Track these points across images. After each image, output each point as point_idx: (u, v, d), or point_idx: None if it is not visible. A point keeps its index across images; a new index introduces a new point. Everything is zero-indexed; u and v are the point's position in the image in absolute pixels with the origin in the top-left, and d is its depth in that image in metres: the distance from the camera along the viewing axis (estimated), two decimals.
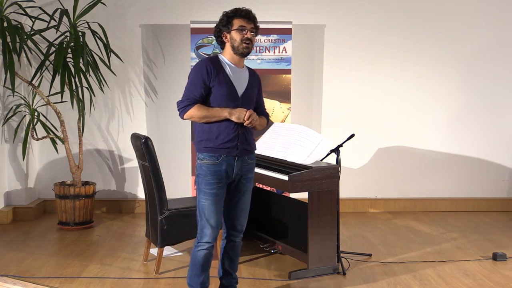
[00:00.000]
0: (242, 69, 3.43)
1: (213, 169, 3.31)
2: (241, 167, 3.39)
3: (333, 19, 6.10)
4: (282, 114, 5.86)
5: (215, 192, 3.31)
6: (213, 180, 3.31)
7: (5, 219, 5.61)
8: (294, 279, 4.11)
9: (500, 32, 6.22)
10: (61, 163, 6.04)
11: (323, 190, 4.14)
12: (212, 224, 3.32)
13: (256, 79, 3.50)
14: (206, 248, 3.35)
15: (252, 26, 3.36)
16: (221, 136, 3.31)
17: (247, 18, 3.36)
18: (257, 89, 3.50)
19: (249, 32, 3.33)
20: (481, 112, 6.31)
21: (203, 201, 3.32)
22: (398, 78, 6.21)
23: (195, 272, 3.40)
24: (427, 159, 6.31)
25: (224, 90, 3.30)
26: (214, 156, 3.31)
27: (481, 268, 4.40)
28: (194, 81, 3.30)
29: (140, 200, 6.16)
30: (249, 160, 3.45)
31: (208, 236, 3.33)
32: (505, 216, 6.16)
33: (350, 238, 5.21)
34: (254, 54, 5.80)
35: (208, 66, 3.29)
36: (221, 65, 3.35)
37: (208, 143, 3.32)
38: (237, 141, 3.34)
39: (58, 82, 5.32)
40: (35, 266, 4.35)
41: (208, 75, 3.28)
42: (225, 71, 3.33)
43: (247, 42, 3.32)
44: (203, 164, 3.33)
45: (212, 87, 3.29)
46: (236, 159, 3.35)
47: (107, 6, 5.80)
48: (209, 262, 3.41)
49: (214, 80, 3.29)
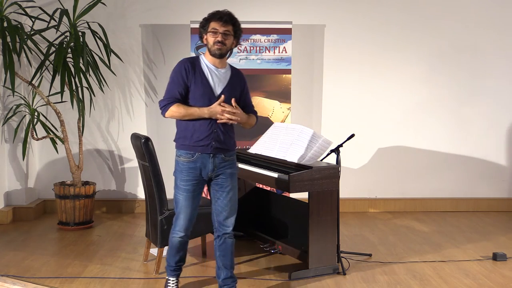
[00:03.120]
0: (223, 69, 3.56)
1: (188, 166, 3.49)
2: (217, 164, 3.52)
3: (333, 19, 6.10)
4: (282, 114, 5.86)
5: (189, 188, 3.52)
6: (188, 177, 3.51)
7: (5, 219, 5.61)
8: (294, 279, 4.11)
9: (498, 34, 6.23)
10: (61, 163, 6.04)
11: (323, 190, 4.14)
12: (184, 217, 3.57)
13: (239, 79, 3.61)
14: (180, 237, 3.63)
15: (226, 29, 3.48)
16: (195, 134, 3.47)
17: (221, 21, 3.49)
18: (240, 89, 3.61)
19: (220, 35, 3.46)
20: (481, 112, 6.31)
21: (178, 195, 3.57)
22: (398, 78, 6.21)
23: (172, 252, 3.72)
24: (427, 159, 6.31)
25: (201, 89, 3.46)
26: (189, 154, 3.49)
27: (481, 268, 4.41)
28: (173, 81, 3.50)
29: (140, 200, 6.16)
30: (227, 157, 3.56)
31: (180, 226, 3.60)
32: (505, 216, 6.16)
33: (350, 238, 5.21)
34: (254, 54, 5.80)
35: (186, 66, 3.48)
36: (200, 65, 3.52)
37: (184, 140, 3.50)
38: (211, 139, 3.47)
39: (58, 82, 5.32)
40: (35, 266, 4.35)
41: (186, 75, 3.47)
42: (203, 71, 3.50)
43: (218, 44, 3.46)
44: (180, 161, 3.53)
45: (190, 86, 3.47)
46: (211, 157, 3.49)
47: (107, 6, 5.80)
48: (182, 247, 3.69)
49: (191, 79, 3.47)
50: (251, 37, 5.79)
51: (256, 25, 5.80)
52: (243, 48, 5.80)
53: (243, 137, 5.76)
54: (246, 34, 5.79)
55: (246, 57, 5.82)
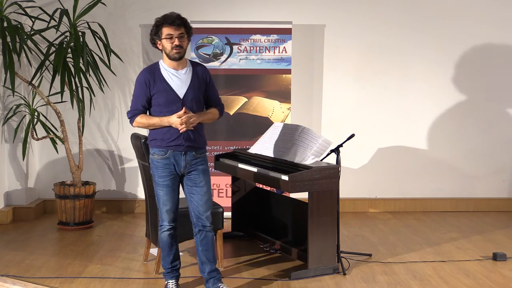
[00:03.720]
0: (183, 70, 3.68)
1: (163, 162, 3.67)
2: (189, 161, 3.68)
3: (333, 19, 6.10)
4: (282, 114, 5.86)
5: (167, 183, 3.68)
6: (163, 173, 3.68)
7: (5, 219, 5.61)
8: (294, 279, 4.11)
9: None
10: (61, 163, 6.04)
11: (323, 190, 4.14)
12: (167, 209, 3.71)
13: (201, 75, 3.73)
14: (167, 229, 3.75)
15: (180, 31, 3.59)
16: (166, 135, 3.64)
17: (173, 25, 3.58)
18: (204, 84, 3.74)
19: (177, 39, 3.57)
20: (481, 112, 6.30)
21: (158, 191, 3.72)
22: (398, 78, 6.21)
23: (164, 253, 3.82)
24: (427, 159, 6.31)
25: (164, 96, 3.62)
26: (162, 151, 3.67)
27: (481, 268, 4.40)
28: (136, 94, 3.71)
29: (140, 200, 6.15)
30: (198, 154, 3.72)
31: (165, 219, 3.74)
32: (505, 216, 6.15)
33: (350, 238, 5.21)
34: (254, 54, 5.80)
35: (146, 79, 3.64)
36: (160, 71, 3.66)
37: (156, 142, 3.68)
38: (182, 139, 3.63)
39: (58, 82, 5.32)
40: (35, 266, 4.35)
41: (147, 87, 3.64)
42: (163, 78, 3.64)
43: (177, 48, 3.58)
44: (154, 159, 3.71)
45: (153, 95, 3.64)
46: (183, 154, 3.66)
47: (107, 6, 5.80)
48: (173, 242, 3.79)
49: (153, 89, 3.63)
50: (251, 37, 5.79)
51: (256, 25, 5.80)
52: (243, 48, 5.80)
53: (243, 137, 5.77)
54: (246, 34, 5.79)
55: (246, 57, 5.82)
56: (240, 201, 5.15)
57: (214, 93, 3.82)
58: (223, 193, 5.82)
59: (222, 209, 4.39)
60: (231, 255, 4.67)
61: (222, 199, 5.76)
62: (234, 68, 5.83)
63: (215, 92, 3.84)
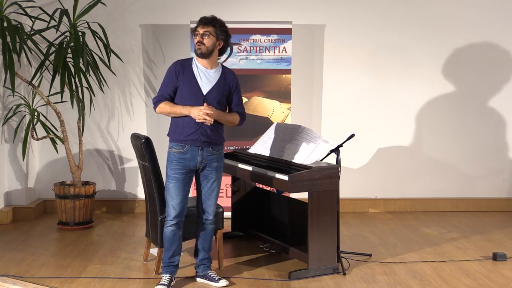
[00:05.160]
0: (213, 70, 3.86)
1: (178, 156, 3.82)
2: (205, 156, 3.84)
3: (333, 19, 6.10)
4: (282, 114, 5.86)
5: (178, 176, 3.82)
6: (177, 166, 3.82)
7: (5, 219, 5.61)
8: (294, 279, 4.11)
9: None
10: (61, 163, 6.04)
11: (323, 190, 4.14)
12: (174, 205, 3.84)
13: (228, 79, 3.90)
14: (171, 225, 3.87)
15: (205, 29, 3.78)
16: (185, 130, 3.80)
17: (201, 23, 3.82)
18: (228, 88, 3.90)
19: (199, 36, 3.78)
20: (481, 112, 6.31)
21: (168, 184, 3.86)
22: (398, 77, 6.21)
23: (165, 246, 3.93)
24: (427, 159, 6.31)
25: (188, 89, 3.79)
26: (180, 146, 3.82)
27: (481, 268, 4.41)
28: (165, 81, 3.87)
29: (140, 200, 6.16)
30: (214, 150, 3.88)
31: (171, 214, 3.86)
32: (506, 216, 6.15)
33: (350, 238, 5.21)
34: (254, 54, 5.80)
35: (177, 69, 3.82)
36: (191, 66, 3.85)
37: (175, 135, 3.84)
38: (199, 134, 3.79)
39: (58, 82, 5.32)
40: (35, 266, 4.35)
41: (175, 77, 3.81)
42: (193, 72, 3.82)
43: (198, 44, 3.78)
44: (171, 152, 3.86)
45: (179, 87, 3.82)
46: (200, 149, 3.82)
47: (107, 6, 5.80)
48: (176, 238, 3.89)
49: (181, 80, 3.81)
50: (251, 37, 5.79)
51: (256, 25, 5.80)
52: (243, 48, 5.80)
53: (243, 137, 5.76)
54: (246, 34, 5.79)
55: (246, 57, 5.82)
56: (240, 201, 5.15)
57: (237, 100, 3.98)
58: (223, 193, 5.82)
59: (222, 209, 4.40)
60: (231, 255, 4.67)
61: (222, 199, 5.75)
62: (234, 68, 5.80)
63: (239, 99, 3.99)
